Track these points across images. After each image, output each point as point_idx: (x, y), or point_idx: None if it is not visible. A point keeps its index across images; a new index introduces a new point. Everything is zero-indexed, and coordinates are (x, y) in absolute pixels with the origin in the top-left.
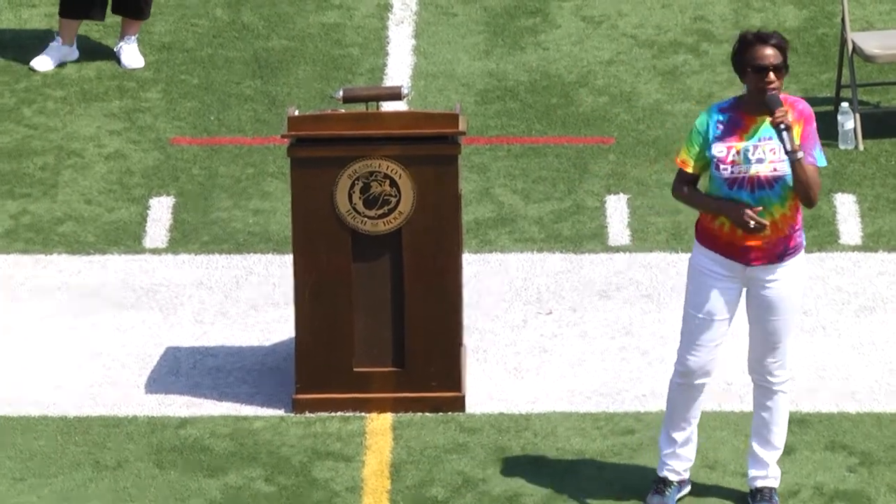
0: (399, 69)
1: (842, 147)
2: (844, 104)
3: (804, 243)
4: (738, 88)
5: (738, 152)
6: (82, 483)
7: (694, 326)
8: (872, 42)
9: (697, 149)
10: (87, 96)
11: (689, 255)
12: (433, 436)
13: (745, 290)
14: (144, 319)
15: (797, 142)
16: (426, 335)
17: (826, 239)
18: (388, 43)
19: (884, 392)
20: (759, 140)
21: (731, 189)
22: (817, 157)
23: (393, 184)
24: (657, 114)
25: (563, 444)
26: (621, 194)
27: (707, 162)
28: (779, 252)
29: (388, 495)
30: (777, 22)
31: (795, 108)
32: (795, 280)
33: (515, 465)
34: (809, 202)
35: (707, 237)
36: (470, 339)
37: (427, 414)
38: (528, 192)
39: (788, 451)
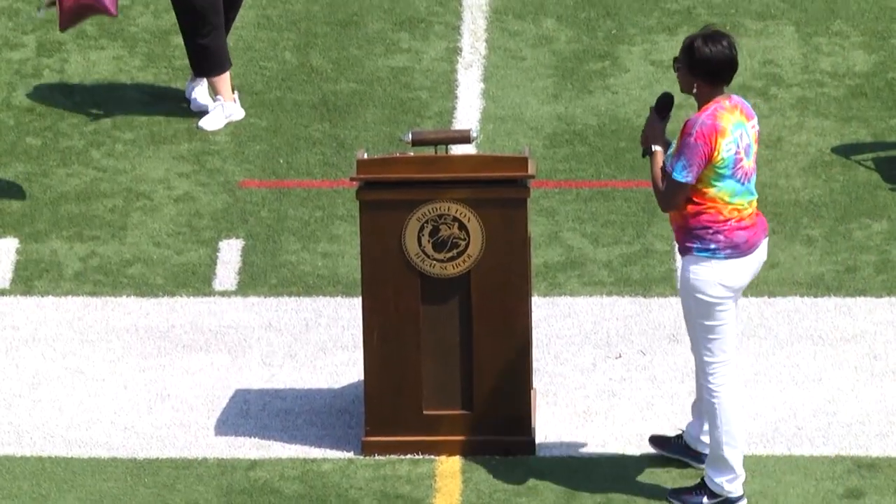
0: (468, 112)
1: None
2: None
3: (706, 250)
4: (807, 133)
5: None
6: None
7: None
8: None
9: None
10: (156, 139)
11: (759, 300)
12: (503, 479)
13: None
14: (213, 362)
15: (657, 140)
16: (495, 378)
17: (894, 284)
18: (456, 86)
19: None
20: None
21: None
22: (673, 166)
23: (462, 227)
24: None
25: (633, 487)
26: None
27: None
28: (678, 244)
29: None
30: (847, 66)
31: (694, 116)
32: (684, 282)
33: None
34: (657, 199)
35: None
36: (539, 383)
37: (497, 458)
38: (596, 235)
39: (857, 495)
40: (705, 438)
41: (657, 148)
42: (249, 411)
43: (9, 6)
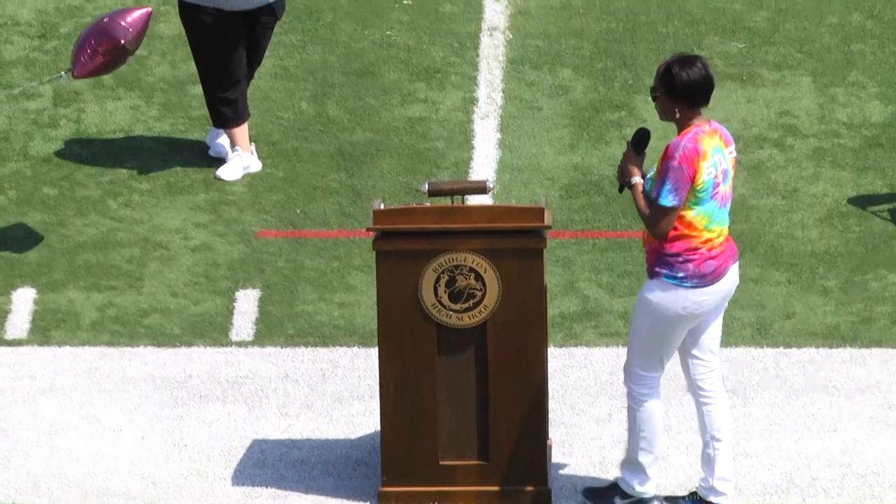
0: (484, 163)
1: None
2: None
3: (674, 277)
4: (823, 183)
5: None
6: None
7: None
8: None
9: None
10: (173, 189)
11: (775, 350)
12: None
13: None
14: (230, 412)
15: (634, 173)
16: (511, 429)
17: None
18: (473, 136)
19: None
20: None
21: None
22: (658, 192)
23: (478, 277)
24: (742, 208)
25: None
26: None
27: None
28: (647, 267)
29: None
30: (863, 117)
31: (675, 140)
32: (644, 300)
33: None
34: (647, 227)
35: None
36: (555, 433)
37: None
38: (613, 286)
39: None
40: (718, 485)
41: (637, 180)
42: (266, 461)
43: (25, 56)
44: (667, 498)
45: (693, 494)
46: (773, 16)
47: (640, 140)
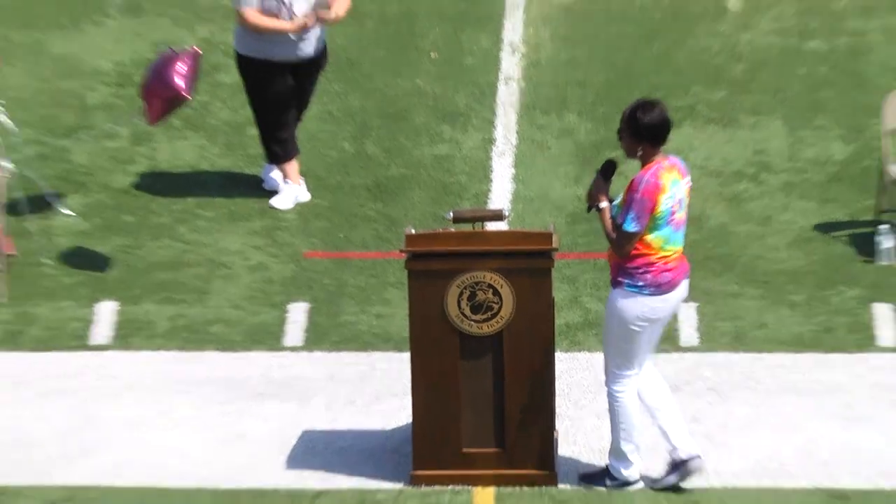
0: (501, 194)
1: (879, 263)
2: (883, 226)
3: (634, 286)
4: (792, 212)
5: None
6: None
7: None
8: None
9: None
10: (234, 216)
11: (750, 356)
12: None
13: None
14: (283, 408)
15: (601, 199)
16: (523, 421)
17: (865, 342)
18: (491, 171)
19: None
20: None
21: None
22: (623, 218)
23: (496, 292)
24: (722, 233)
25: None
26: (692, 302)
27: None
28: (611, 278)
29: None
30: (827, 155)
31: (638, 174)
32: (608, 307)
33: None
34: (612, 247)
35: None
36: (561, 425)
37: (525, 488)
38: None
39: None
40: (681, 446)
41: (604, 205)
42: (314, 450)
43: (104, 101)
44: (654, 480)
45: (671, 465)
46: (750, 67)
47: (608, 169)
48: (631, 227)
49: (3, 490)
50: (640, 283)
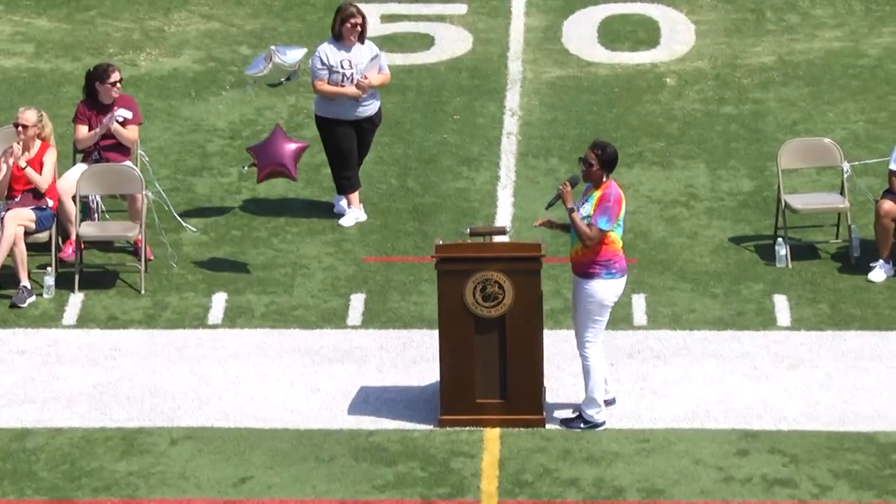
0: (504, 216)
1: (777, 266)
2: (780, 240)
3: (610, 272)
4: (713, 229)
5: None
6: (308, 470)
7: None
8: (797, 201)
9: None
10: (312, 231)
11: (684, 332)
12: (525, 442)
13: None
14: (346, 369)
15: (569, 203)
16: (520, 380)
17: (768, 322)
18: (497, 200)
19: (805, 416)
20: (575, 203)
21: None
22: (599, 220)
23: (500, 287)
24: (662, 245)
25: (605, 448)
26: (641, 293)
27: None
28: (580, 271)
29: (497, 479)
30: (738, 188)
31: (606, 189)
32: (586, 294)
33: (575, 461)
34: (584, 243)
35: None
36: (548, 383)
37: (521, 429)
38: None
39: (744, 453)
40: (587, 405)
41: (573, 207)
42: (369, 400)
43: (220, 150)
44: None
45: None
46: (681, 126)
47: (573, 182)
48: (605, 225)
49: (140, 430)
50: (614, 270)
